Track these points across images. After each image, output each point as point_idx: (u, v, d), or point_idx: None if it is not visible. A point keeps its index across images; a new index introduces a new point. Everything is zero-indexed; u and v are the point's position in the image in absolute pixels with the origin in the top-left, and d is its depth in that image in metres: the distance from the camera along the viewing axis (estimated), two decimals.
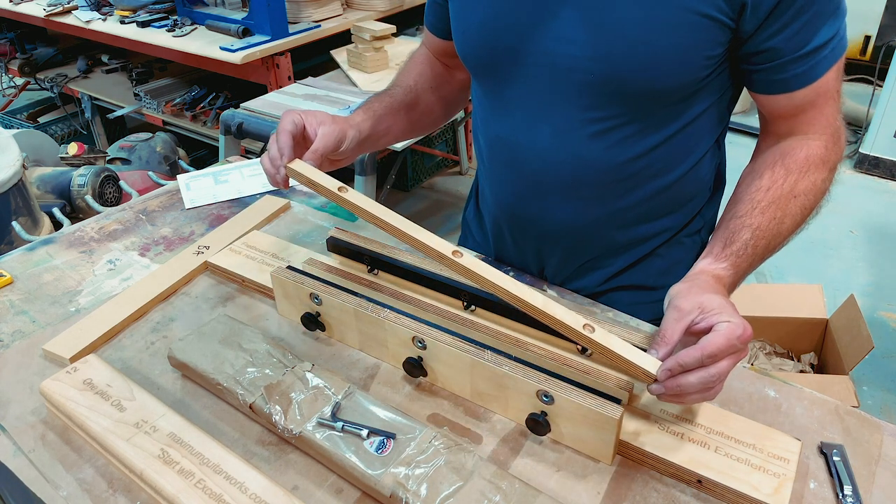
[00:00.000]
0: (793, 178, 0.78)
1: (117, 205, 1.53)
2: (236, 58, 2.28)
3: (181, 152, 2.71)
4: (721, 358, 0.64)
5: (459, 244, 1.09)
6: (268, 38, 2.36)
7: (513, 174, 0.91)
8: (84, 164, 2.38)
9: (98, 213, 1.26)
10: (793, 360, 1.97)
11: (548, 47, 0.78)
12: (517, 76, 0.83)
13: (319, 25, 2.54)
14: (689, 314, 0.67)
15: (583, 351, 0.78)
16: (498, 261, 1.04)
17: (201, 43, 2.44)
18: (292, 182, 1.27)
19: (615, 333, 0.75)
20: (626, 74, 0.75)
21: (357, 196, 0.79)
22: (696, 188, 0.91)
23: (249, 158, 1.35)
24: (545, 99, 0.82)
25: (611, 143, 0.82)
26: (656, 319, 0.78)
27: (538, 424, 0.70)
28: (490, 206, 1.00)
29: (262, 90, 2.35)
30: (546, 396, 0.69)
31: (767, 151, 0.83)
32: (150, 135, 2.60)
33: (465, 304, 0.86)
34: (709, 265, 0.75)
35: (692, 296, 0.69)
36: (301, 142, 0.85)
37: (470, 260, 0.72)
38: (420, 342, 0.77)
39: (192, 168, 1.37)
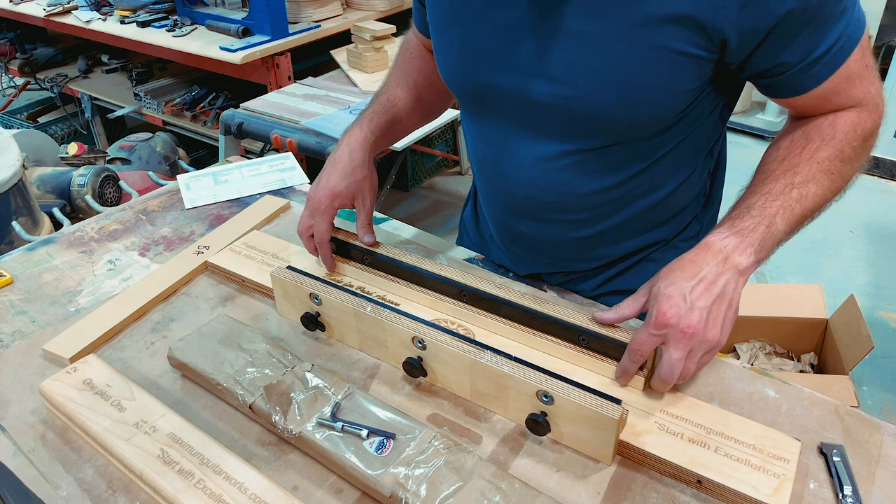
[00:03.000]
0: (814, 146, 0.74)
1: (117, 205, 1.53)
2: (236, 58, 2.28)
3: (181, 152, 2.71)
4: (644, 350, 0.69)
5: (457, 244, 1.09)
6: (268, 38, 2.36)
7: (500, 194, 0.91)
8: (84, 164, 2.38)
9: (98, 213, 1.26)
10: (793, 360, 1.96)
11: (524, 84, 0.77)
12: (497, 109, 0.82)
13: (319, 25, 2.54)
14: (643, 296, 0.72)
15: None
16: (495, 263, 1.04)
17: (201, 43, 2.44)
18: (292, 182, 1.28)
19: (616, 335, 0.75)
20: (604, 112, 0.74)
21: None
22: (688, 199, 0.90)
23: (249, 158, 1.35)
24: (525, 131, 0.81)
25: (591, 171, 0.81)
26: None
27: (538, 424, 0.70)
28: (485, 215, 1.00)
29: (262, 90, 2.35)
30: (546, 396, 0.69)
31: (791, 126, 0.79)
32: (150, 135, 2.60)
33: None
34: (707, 236, 0.72)
35: (652, 280, 0.72)
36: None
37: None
38: (420, 342, 0.77)
39: (192, 168, 1.37)
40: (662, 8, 0.66)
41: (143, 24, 2.63)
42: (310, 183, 1.25)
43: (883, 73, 3.15)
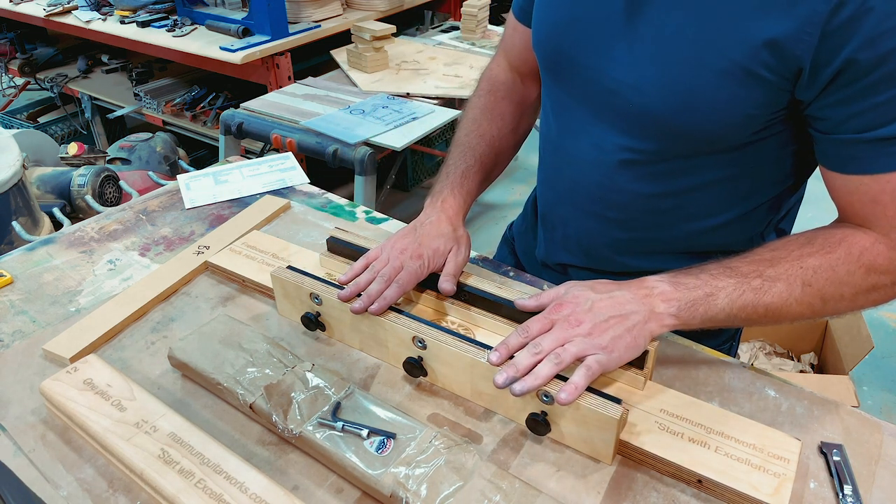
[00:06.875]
0: (809, 250, 0.69)
1: (117, 205, 1.54)
2: (236, 58, 2.28)
3: (181, 152, 2.71)
4: (531, 328, 0.69)
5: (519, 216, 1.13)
6: (268, 38, 2.36)
7: (552, 173, 0.93)
8: (84, 164, 2.38)
9: (98, 213, 1.26)
10: (793, 360, 1.97)
11: (598, 63, 0.78)
12: (572, 84, 0.83)
13: (319, 25, 2.54)
14: (562, 287, 0.74)
15: None
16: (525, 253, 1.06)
17: (201, 43, 2.44)
18: (292, 182, 1.27)
19: None
20: (661, 112, 0.74)
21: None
22: (735, 243, 0.85)
23: (249, 158, 1.35)
24: (590, 114, 0.82)
25: (639, 175, 0.81)
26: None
27: (538, 424, 0.70)
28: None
29: (262, 90, 2.35)
30: (546, 396, 0.69)
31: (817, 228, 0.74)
32: (150, 135, 2.60)
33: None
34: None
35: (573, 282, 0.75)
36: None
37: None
38: (420, 342, 0.77)
39: (192, 168, 1.37)
40: (748, 29, 0.65)
41: (143, 24, 2.63)
42: (310, 183, 1.25)
43: None
